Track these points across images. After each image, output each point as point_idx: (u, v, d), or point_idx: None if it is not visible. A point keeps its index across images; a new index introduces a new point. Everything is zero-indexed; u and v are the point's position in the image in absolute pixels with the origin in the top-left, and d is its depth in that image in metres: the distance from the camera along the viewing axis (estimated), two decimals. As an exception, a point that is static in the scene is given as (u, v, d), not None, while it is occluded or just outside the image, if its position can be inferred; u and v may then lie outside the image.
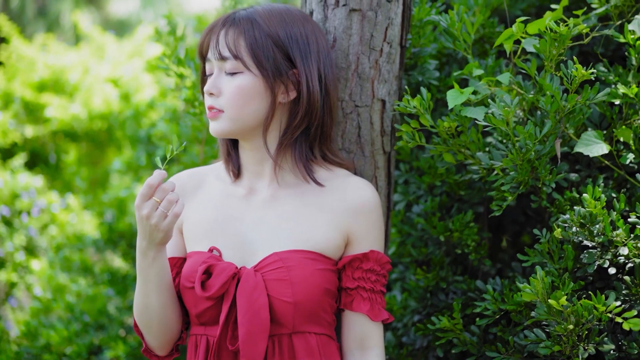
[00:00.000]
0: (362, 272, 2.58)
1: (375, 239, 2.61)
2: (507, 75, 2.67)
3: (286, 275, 2.48)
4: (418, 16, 2.98)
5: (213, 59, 2.56)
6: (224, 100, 2.53)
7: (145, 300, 2.54)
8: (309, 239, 2.55)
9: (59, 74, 6.85)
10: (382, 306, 2.62)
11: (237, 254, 2.56)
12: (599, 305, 2.43)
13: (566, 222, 2.60)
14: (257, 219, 2.59)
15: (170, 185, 2.38)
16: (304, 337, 2.52)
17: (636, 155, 2.74)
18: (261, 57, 2.52)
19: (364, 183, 2.63)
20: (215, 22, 2.59)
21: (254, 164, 2.63)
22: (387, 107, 2.82)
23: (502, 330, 2.77)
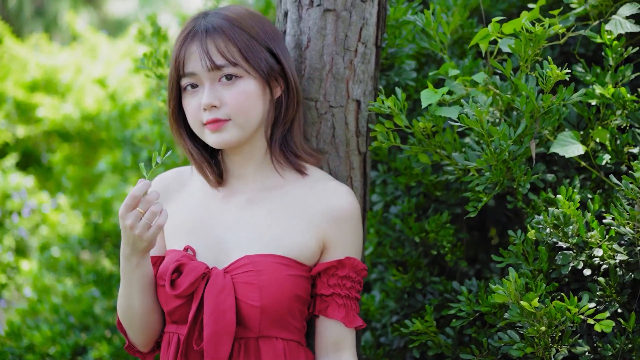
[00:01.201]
0: (337, 279, 2.56)
1: (351, 246, 2.60)
2: (481, 75, 2.66)
3: (255, 279, 2.47)
4: (394, 16, 2.97)
5: (201, 70, 2.50)
6: (228, 109, 2.50)
7: (129, 302, 2.57)
8: (283, 243, 2.53)
9: (51, 74, 6.85)
10: (357, 312, 2.61)
11: (212, 254, 2.55)
12: (571, 307, 2.41)
13: (540, 223, 2.59)
14: (234, 221, 2.58)
15: (154, 196, 2.38)
16: (271, 342, 2.51)
17: (612, 156, 2.72)
18: (255, 59, 2.52)
19: (343, 189, 2.61)
20: (187, 34, 2.53)
21: (240, 167, 2.63)
22: (362, 108, 2.80)
23: (477, 332, 2.75)
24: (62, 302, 4.57)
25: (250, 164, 2.62)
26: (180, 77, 2.54)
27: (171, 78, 2.56)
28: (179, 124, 2.63)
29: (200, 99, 2.51)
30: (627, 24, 2.77)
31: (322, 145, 2.78)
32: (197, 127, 2.55)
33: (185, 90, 2.55)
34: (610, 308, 2.54)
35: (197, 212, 2.63)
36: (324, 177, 2.65)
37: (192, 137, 2.64)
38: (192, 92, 2.53)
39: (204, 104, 2.49)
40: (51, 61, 6.97)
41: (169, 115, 2.62)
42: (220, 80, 2.50)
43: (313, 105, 2.77)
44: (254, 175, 2.63)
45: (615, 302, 2.55)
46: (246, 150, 2.60)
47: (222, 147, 2.54)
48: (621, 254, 2.52)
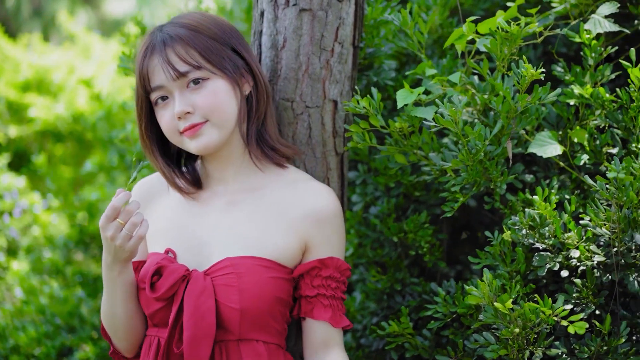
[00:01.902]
0: (321, 280, 2.55)
1: (334, 246, 2.58)
2: (457, 75, 2.64)
3: (235, 281, 2.46)
4: (371, 15, 2.95)
5: (167, 81, 2.49)
6: (202, 111, 2.49)
7: (112, 310, 2.57)
8: (264, 245, 2.52)
9: (43, 74, 6.83)
10: (343, 312, 2.60)
11: (193, 257, 2.55)
12: (545, 308, 2.39)
13: (516, 224, 2.57)
14: (215, 223, 2.58)
15: (135, 207, 2.38)
16: (252, 344, 2.49)
17: (591, 157, 2.70)
18: (217, 59, 2.51)
19: (325, 189, 2.60)
20: (146, 49, 2.52)
21: (220, 170, 2.63)
22: (339, 108, 2.79)
23: (454, 334, 2.73)
24: (49, 303, 4.55)
25: (229, 166, 2.61)
26: (148, 92, 2.53)
27: (139, 95, 2.56)
28: (152, 141, 2.62)
29: (173, 109, 2.50)
30: (605, 23, 2.75)
31: (299, 146, 2.77)
32: (175, 137, 2.54)
33: (156, 104, 2.54)
34: (586, 310, 2.52)
35: (179, 216, 2.62)
36: (305, 177, 2.64)
37: (165, 155, 2.65)
38: (163, 104, 2.52)
39: (177, 113, 2.48)
40: (43, 61, 6.95)
41: (140, 133, 2.61)
42: (189, 86, 2.49)
43: (289, 106, 2.75)
44: (235, 177, 2.62)
45: (591, 303, 2.53)
46: (224, 152, 2.59)
47: (204, 152, 2.53)
48: (598, 255, 2.50)
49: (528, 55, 3.21)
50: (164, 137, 2.62)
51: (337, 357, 2.58)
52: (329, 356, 2.58)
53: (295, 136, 2.76)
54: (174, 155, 2.68)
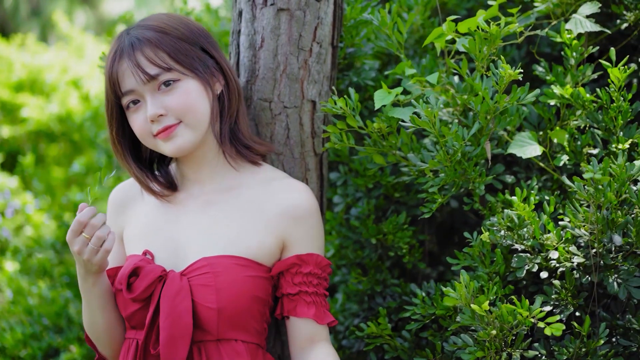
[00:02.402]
0: (302, 277, 2.54)
1: (313, 243, 2.57)
2: (435, 75, 2.62)
3: (212, 280, 2.44)
4: (351, 15, 2.93)
5: (138, 85, 2.47)
6: (175, 112, 2.47)
7: (92, 319, 2.58)
8: (240, 244, 2.51)
9: (36, 74, 6.82)
10: (327, 308, 2.58)
11: (170, 258, 2.54)
12: (521, 310, 2.37)
13: (494, 225, 2.55)
14: (191, 224, 2.57)
15: (99, 220, 2.37)
16: (231, 344, 2.48)
17: (571, 157, 2.69)
18: (187, 60, 2.49)
19: (300, 186, 2.59)
20: (114, 54, 2.50)
21: (195, 171, 2.61)
22: (317, 108, 2.77)
23: (433, 335, 2.72)
24: (36, 303, 4.54)
25: (204, 167, 2.60)
26: (119, 97, 2.51)
27: (109, 101, 2.54)
28: (123, 145, 2.61)
29: (145, 113, 2.48)
30: (587, 23, 2.73)
31: (277, 146, 2.75)
32: (148, 140, 2.52)
33: (128, 108, 2.52)
34: (565, 311, 2.51)
35: (155, 218, 2.62)
36: (280, 175, 2.63)
37: (137, 159, 2.64)
38: (135, 108, 2.51)
39: (150, 116, 2.46)
40: (37, 61, 6.94)
41: (111, 138, 2.60)
42: (160, 89, 2.47)
43: (267, 106, 2.74)
44: (210, 177, 2.60)
45: (570, 305, 2.51)
46: (199, 153, 2.58)
47: (179, 154, 2.51)
48: (578, 256, 2.48)
49: (512, 55, 3.20)
50: (135, 141, 2.61)
51: (324, 351, 2.56)
52: (316, 351, 2.56)
53: (273, 137, 2.75)
54: (146, 160, 2.67)
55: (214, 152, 2.59)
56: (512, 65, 3.19)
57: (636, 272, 2.50)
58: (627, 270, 2.48)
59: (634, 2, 2.86)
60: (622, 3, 2.90)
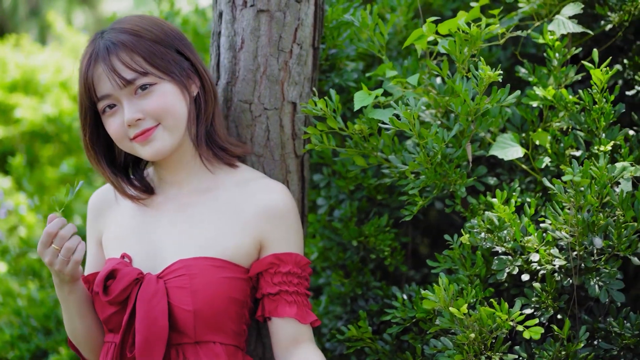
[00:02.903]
0: (282, 276, 2.52)
1: (290, 242, 2.55)
2: (416, 76, 2.61)
3: (187, 282, 2.43)
4: (332, 16, 2.91)
5: (114, 90, 2.44)
6: (153, 115, 2.46)
7: (71, 326, 2.59)
8: (216, 245, 2.50)
9: (30, 75, 6.80)
10: (309, 308, 2.56)
11: (148, 261, 2.53)
12: (500, 313, 2.36)
13: (474, 228, 2.54)
14: (168, 227, 2.56)
15: (68, 231, 2.37)
16: (209, 346, 2.46)
17: (553, 159, 2.67)
18: (163, 63, 2.48)
19: (276, 186, 2.58)
20: (89, 58, 2.47)
21: (171, 174, 2.60)
22: (298, 110, 2.75)
23: (414, 338, 2.70)
24: (25, 305, 4.52)
25: (181, 169, 2.59)
26: (94, 102, 2.49)
27: (83, 105, 2.51)
28: (97, 151, 2.59)
29: (122, 117, 2.47)
30: (569, 24, 2.71)
31: (257, 148, 2.73)
32: (125, 144, 2.51)
33: (104, 112, 2.50)
34: (545, 314, 2.49)
35: (134, 222, 2.61)
36: (257, 176, 2.62)
37: (112, 163, 2.62)
38: (112, 112, 2.49)
39: (127, 121, 2.44)
40: (31, 61, 6.92)
41: (85, 144, 2.57)
42: (137, 93, 2.46)
43: (247, 108, 2.72)
44: (187, 180, 2.59)
45: (550, 308, 2.49)
46: (175, 156, 2.57)
47: (157, 157, 2.50)
48: (559, 259, 2.47)
49: (498, 56, 3.18)
50: (109, 145, 2.60)
51: (308, 351, 2.54)
52: (300, 350, 2.53)
53: (253, 138, 2.73)
54: (121, 164, 2.66)
55: (191, 155, 2.58)
56: (498, 66, 3.17)
57: (618, 275, 2.48)
58: (608, 273, 2.46)
59: (618, 3, 2.84)
60: (606, 4, 2.88)
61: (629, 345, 2.48)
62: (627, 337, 2.46)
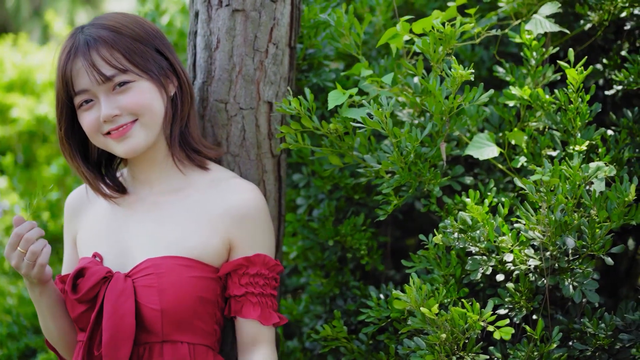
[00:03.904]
0: (249, 278, 2.52)
1: (259, 242, 2.55)
2: (390, 75, 2.60)
3: (155, 281, 2.44)
4: (309, 16, 2.91)
5: (92, 85, 2.45)
6: (130, 111, 2.46)
7: (46, 326, 2.60)
8: (185, 245, 2.50)
9: (27, 75, 6.81)
10: (274, 308, 2.56)
11: (118, 260, 2.53)
12: (471, 313, 2.35)
13: (447, 228, 2.53)
14: (138, 225, 2.56)
15: (34, 235, 2.38)
16: (175, 346, 2.47)
17: (529, 159, 2.66)
18: (142, 62, 2.48)
19: (247, 186, 2.57)
20: (69, 52, 2.46)
21: (143, 172, 2.60)
22: (274, 110, 2.75)
23: (389, 338, 2.70)
24: (16, 303, 4.53)
25: (153, 168, 2.59)
26: (71, 96, 2.48)
27: (60, 99, 2.50)
28: (73, 146, 2.58)
29: (98, 112, 2.47)
30: (546, 23, 2.71)
31: (233, 148, 2.73)
32: (99, 139, 2.51)
33: (80, 107, 2.50)
34: (518, 314, 2.48)
35: (106, 221, 2.61)
36: (227, 176, 2.61)
37: (86, 159, 2.61)
38: (88, 107, 2.48)
39: (103, 117, 2.45)
40: (28, 61, 6.93)
41: (60, 137, 2.56)
42: (115, 89, 2.46)
43: (223, 107, 2.72)
44: (159, 179, 2.60)
45: (524, 308, 2.48)
46: (148, 155, 2.57)
47: (131, 155, 2.50)
48: (533, 259, 2.46)
49: (480, 55, 3.18)
50: (84, 142, 2.60)
51: (264, 355, 2.54)
52: (256, 354, 2.55)
53: (229, 138, 2.73)
54: (94, 161, 2.65)
55: (163, 155, 2.58)
56: (480, 65, 3.17)
57: (595, 275, 2.47)
58: (582, 274, 2.45)
59: (597, 3, 2.83)
60: (586, 3, 2.87)
61: (603, 345, 2.47)
62: (601, 337, 2.45)
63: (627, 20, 2.89)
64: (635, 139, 2.71)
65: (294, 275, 3.40)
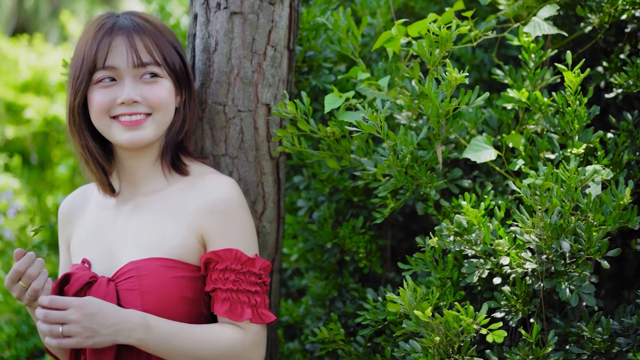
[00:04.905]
0: (217, 273, 2.47)
1: (231, 237, 2.49)
2: (387, 79, 2.60)
3: (136, 285, 2.44)
4: (308, 18, 2.91)
5: (124, 65, 2.47)
6: (150, 104, 2.48)
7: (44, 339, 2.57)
8: (164, 245, 2.49)
9: (41, 75, 6.85)
10: (250, 305, 2.49)
11: (105, 264, 2.54)
12: (464, 317, 2.35)
13: (442, 230, 2.53)
14: (123, 229, 2.56)
15: (35, 271, 2.37)
16: None
17: (527, 161, 2.65)
18: (172, 64, 2.53)
19: (220, 180, 2.54)
20: (109, 28, 2.48)
21: (130, 172, 2.60)
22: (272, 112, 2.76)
23: (386, 341, 2.70)
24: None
25: (141, 169, 2.59)
26: (95, 69, 2.48)
27: (81, 69, 2.48)
28: (82, 119, 2.55)
29: (116, 93, 2.47)
30: (545, 26, 2.70)
31: (231, 150, 2.74)
32: (104, 121, 2.50)
33: (98, 82, 2.49)
34: (514, 318, 2.48)
35: (94, 226, 2.62)
36: (205, 171, 2.60)
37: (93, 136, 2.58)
38: (106, 84, 2.49)
39: (125, 98, 2.46)
40: (42, 62, 6.98)
41: (72, 108, 2.52)
42: (142, 78, 2.49)
43: (221, 110, 2.73)
44: (144, 180, 2.60)
45: (519, 311, 2.48)
46: (142, 154, 2.57)
47: (133, 145, 2.50)
48: (530, 262, 2.45)
49: (481, 58, 3.17)
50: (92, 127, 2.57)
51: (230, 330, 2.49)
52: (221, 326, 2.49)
53: (227, 140, 2.74)
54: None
55: (154, 157, 2.59)
56: (482, 68, 3.16)
57: (593, 278, 2.46)
58: (579, 277, 2.44)
59: (598, 5, 2.82)
60: (586, 6, 2.86)
61: (600, 349, 2.46)
62: (598, 341, 2.44)
63: (628, 22, 2.87)
64: (636, 141, 2.69)
65: (296, 277, 3.40)
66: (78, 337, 2.32)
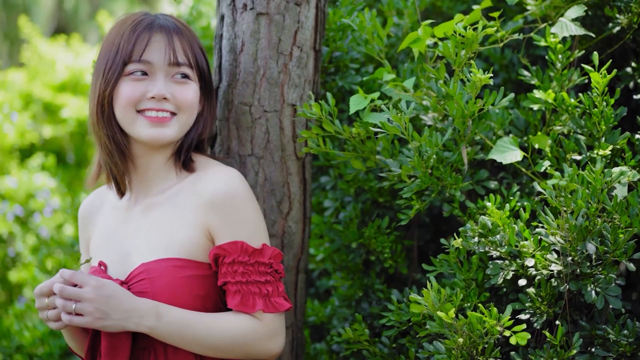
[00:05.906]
0: (226, 267, 2.46)
1: (237, 230, 2.47)
2: (412, 80, 2.60)
3: (148, 287, 2.44)
4: (333, 19, 2.92)
5: (161, 61, 2.49)
6: (177, 104, 2.50)
7: (68, 342, 2.66)
8: (173, 244, 2.48)
9: (78, 75, 6.92)
10: (262, 295, 2.47)
11: (120, 266, 2.55)
12: (487, 318, 2.34)
13: (467, 232, 2.52)
14: (135, 231, 2.57)
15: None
16: (177, 347, 2.46)
17: (553, 163, 2.64)
18: (202, 71, 2.57)
19: (223, 172, 2.52)
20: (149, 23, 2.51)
21: (142, 172, 2.60)
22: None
23: (411, 342, 2.69)
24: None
25: (152, 169, 2.59)
26: (129, 60, 2.49)
27: (114, 61, 2.48)
28: (110, 110, 2.53)
29: (147, 87, 2.48)
30: (572, 27, 2.69)
31: (257, 150, 2.75)
32: (130, 114, 2.50)
33: (130, 75, 2.50)
34: (539, 320, 2.46)
35: (110, 229, 2.64)
36: (208, 165, 2.59)
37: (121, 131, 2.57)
38: (138, 78, 2.49)
39: (156, 93, 2.47)
40: (79, 62, 7.05)
41: (101, 99, 2.51)
42: (174, 77, 2.51)
43: (247, 110, 2.75)
44: (154, 180, 2.60)
45: (544, 313, 2.46)
46: (157, 152, 2.57)
47: (155, 142, 2.51)
48: (555, 264, 2.44)
49: (510, 58, 3.16)
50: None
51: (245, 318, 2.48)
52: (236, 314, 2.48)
53: (253, 140, 2.75)
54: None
55: (166, 157, 2.59)
56: (510, 69, 3.15)
57: (619, 281, 2.45)
58: (604, 279, 2.43)
59: (626, 5, 2.80)
60: (615, 6, 2.84)
61: (625, 353, 2.44)
62: (623, 344, 2.42)
63: (657, 22, 2.85)
64: (664, 142, 2.67)
65: (324, 277, 3.41)
66: (89, 316, 2.33)
